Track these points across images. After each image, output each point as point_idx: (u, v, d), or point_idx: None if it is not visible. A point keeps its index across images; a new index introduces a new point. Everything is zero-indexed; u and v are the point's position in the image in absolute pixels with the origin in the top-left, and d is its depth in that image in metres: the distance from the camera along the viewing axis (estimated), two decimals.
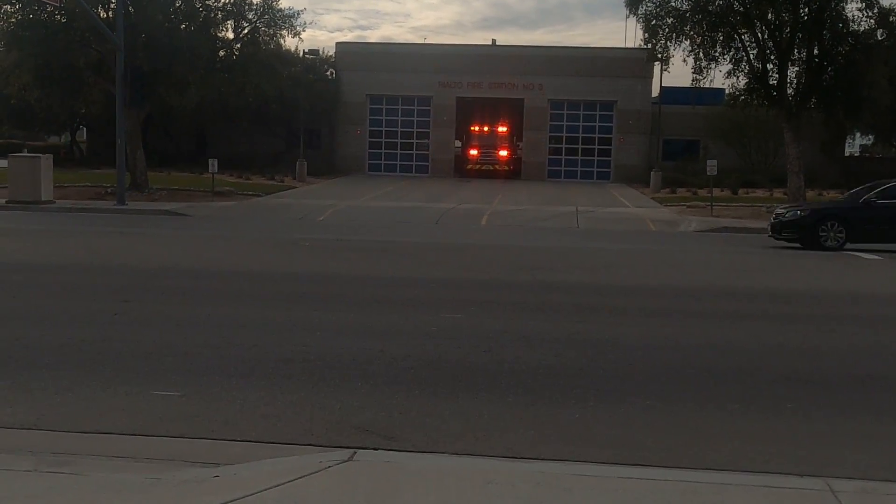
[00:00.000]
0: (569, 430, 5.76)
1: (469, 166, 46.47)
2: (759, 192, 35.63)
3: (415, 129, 48.04)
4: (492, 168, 46.43)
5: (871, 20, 27.75)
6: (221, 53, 32.71)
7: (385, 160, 48.17)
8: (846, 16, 27.86)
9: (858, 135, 53.10)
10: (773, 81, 28.60)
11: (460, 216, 26.38)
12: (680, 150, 45.74)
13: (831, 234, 19.06)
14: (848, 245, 18.96)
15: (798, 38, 28.13)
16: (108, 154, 32.66)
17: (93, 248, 15.73)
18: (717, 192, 30.82)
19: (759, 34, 28.40)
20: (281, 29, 32.44)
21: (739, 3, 27.82)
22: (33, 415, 5.77)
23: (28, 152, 32.78)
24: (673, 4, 28.34)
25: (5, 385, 6.40)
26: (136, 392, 6.33)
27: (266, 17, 31.87)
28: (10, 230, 19.52)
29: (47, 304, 9.84)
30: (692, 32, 28.32)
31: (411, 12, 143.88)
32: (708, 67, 28.90)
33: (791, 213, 20.12)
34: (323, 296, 10.97)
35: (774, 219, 20.31)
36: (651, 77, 44.58)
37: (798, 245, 19.31)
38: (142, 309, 9.58)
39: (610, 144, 46.90)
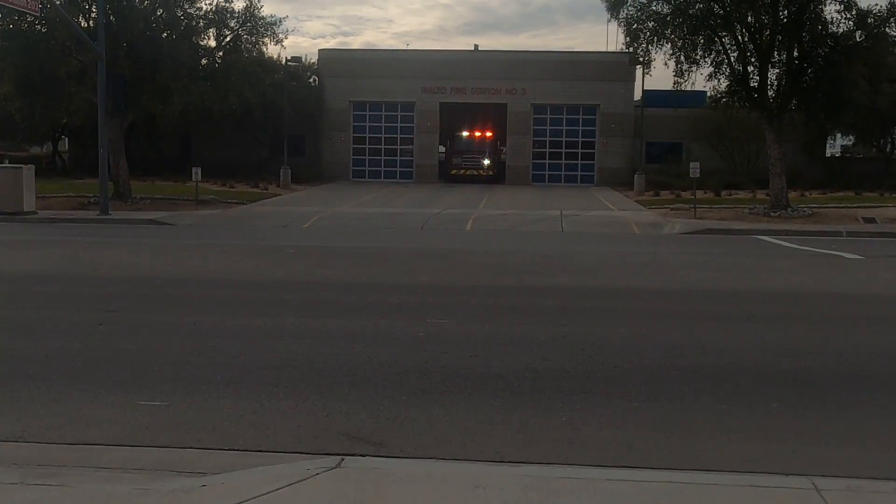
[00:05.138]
0: (556, 432, 5.78)
1: (453, 171, 46.47)
2: (742, 194, 35.78)
3: (399, 135, 48.02)
4: (476, 173, 46.40)
5: (850, 22, 27.89)
6: (204, 61, 32.55)
7: (369, 166, 48.11)
8: (825, 18, 28.02)
9: (839, 135, 53.50)
10: (753, 83, 28.73)
11: (445, 221, 26.38)
12: (663, 152, 45.90)
13: None
14: None
15: (778, 40, 28.27)
16: (90, 164, 32.49)
17: (77, 259, 15.65)
18: (700, 194, 30.93)
19: (740, 37, 28.53)
20: (263, 36, 32.32)
21: (719, 6, 27.95)
22: (19, 426, 5.74)
23: (9, 163, 32.55)
24: (654, 8, 28.40)
25: None
26: (122, 402, 6.31)
27: (248, 24, 31.76)
28: None
29: (33, 315, 9.79)
30: (673, 36, 28.40)
31: (394, 18, 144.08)
32: (689, 70, 28.98)
33: None
34: (309, 302, 10.96)
35: None
36: (633, 80, 44.72)
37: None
38: (127, 318, 9.55)
39: (593, 148, 47.01)
